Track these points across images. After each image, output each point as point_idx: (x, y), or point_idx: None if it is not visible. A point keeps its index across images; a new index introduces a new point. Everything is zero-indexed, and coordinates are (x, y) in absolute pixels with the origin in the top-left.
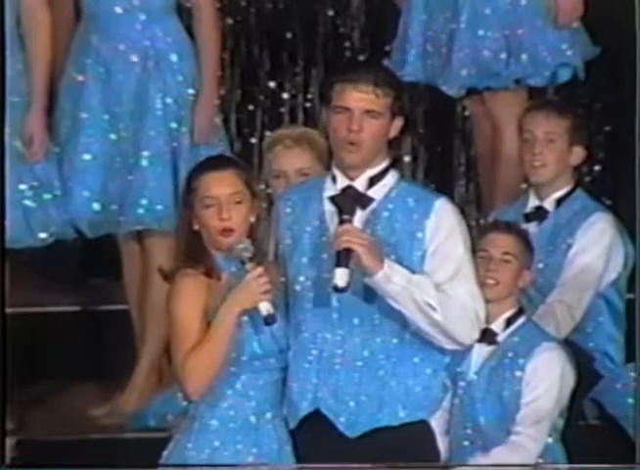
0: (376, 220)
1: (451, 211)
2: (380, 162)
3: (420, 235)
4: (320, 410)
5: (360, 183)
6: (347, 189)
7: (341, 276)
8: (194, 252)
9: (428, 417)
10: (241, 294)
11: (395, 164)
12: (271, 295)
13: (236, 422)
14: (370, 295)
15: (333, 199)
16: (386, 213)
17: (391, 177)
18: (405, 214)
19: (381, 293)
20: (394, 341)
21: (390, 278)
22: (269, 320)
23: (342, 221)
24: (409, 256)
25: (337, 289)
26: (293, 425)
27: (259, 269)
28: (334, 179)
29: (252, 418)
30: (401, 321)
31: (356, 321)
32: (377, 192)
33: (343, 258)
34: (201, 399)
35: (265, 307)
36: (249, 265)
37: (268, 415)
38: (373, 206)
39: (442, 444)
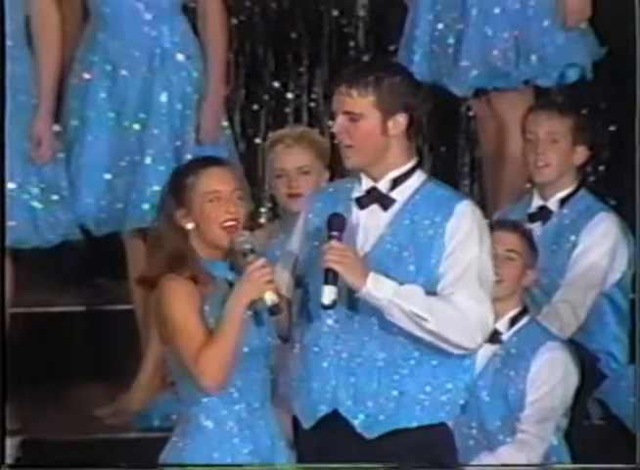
0: (398, 222)
1: (472, 214)
2: (404, 162)
3: (440, 238)
4: (338, 411)
5: (383, 185)
6: (371, 191)
7: (326, 294)
8: (180, 255)
9: (447, 420)
10: (245, 285)
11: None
12: (274, 285)
13: (231, 419)
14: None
15: (359, 200)
16: (408, 215)
17: (417, 178)
18: (427, 217)
19: (372, 306)
20: (413, 343)
21: (373, 294)
22: (274, 310)
23: (329, 237)
24: (429, 258)
25: (323, 306)
26: (309, 425)
27: (262, 260)
28: (360, 181)
29: (245, 415)
30: None
31: (376, 324)
32: (400, 193)
33: (328, 275)
34: (218, 392)
35: (270, 297)
36: (250, 257)
37: (259, 413)
38: (396, 207)
39: None
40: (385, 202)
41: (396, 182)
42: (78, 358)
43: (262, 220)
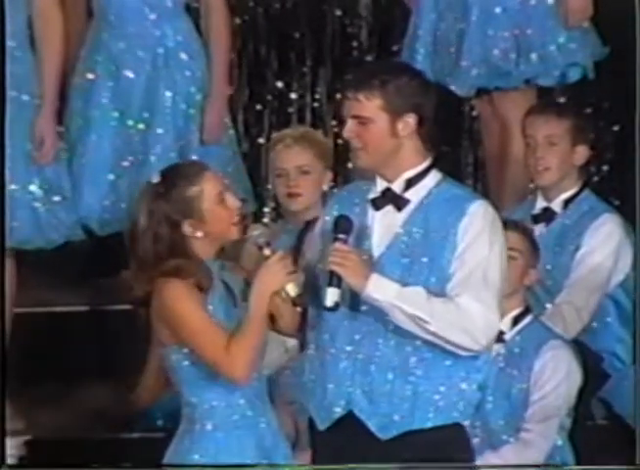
0: (412, 222)
1: (484, 215)
2: (418, 162)
3: (452, 238)
4: (352, 412)
5: (398, 185)
6: (386, 192)
7: (329, 296)
8: (188, 264)
9: (462, 420)
10: (268, 277)
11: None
12: (295, 276)
13: (235, 418)
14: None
15: (374, 202)
16: (421, 215)
17: (432, 178)
18: (441, 217)
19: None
20: (426, 344)
21: (374, 296)
22: (297, 301)
23: (335, 239)
24: (441, 258)
25: (325, 308)
26: (325, 426)
27: (281, 252)
28: (375, 182)
29: (250, 413)
30: None
31: (390, 325)
32: (415, 193)
33: (332, 278)
34: (247, 384)
35: (292, 288)
36: (267, 250)
37: (260, 411)
38: (410, 207)
39: None
40: (399, 202)
41: (411, 183)
42: (81, 358)
43: (266, 220)
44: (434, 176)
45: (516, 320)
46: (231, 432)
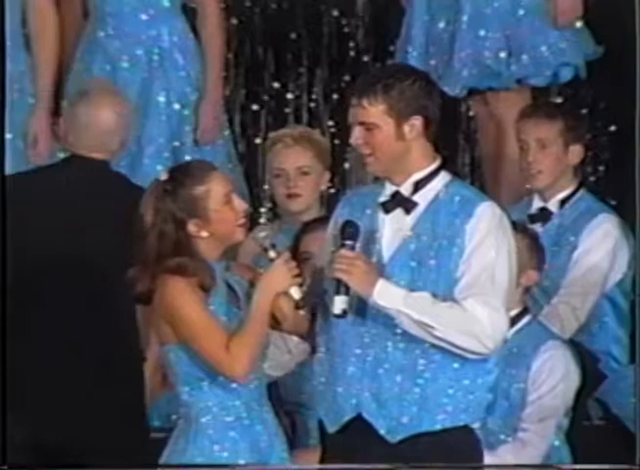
0: (420, 225)
1: (491, 216)
2: (427, 164)
3: (459, 240)
4: (362, 414)
5: (405, 188)
6: (395, 195)
7: (337, 304)
8: (191, 264)
9: (471, 422)
10: (274, 277)
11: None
12: (301, 279)
13: (229, 417)
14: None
15: (384, 205)
16: (429, 218)
17: (441, 180)
18: (449, 219)
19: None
20: (435, 347)
21: (381, 303)
22: (301, 304)
23: (341, 246)
24: (449, 261)
25: (334, 316)
26: (334, 429)
27: (287, 254)
28: (384, 186)
29: (244, 414)
30: None
31: (398, 328)
32: (423, 196)
33: (339, 285)
34: (247, 382)
35: (296, 292)
36: (272, 252)
37: (256, 411)
38: (418, 210)
39: None
40: (407, 205)
41: (418, 185)
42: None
43: (262, 220)
44: (442, 178)
45: (514, 320)
46: (225, 433)
